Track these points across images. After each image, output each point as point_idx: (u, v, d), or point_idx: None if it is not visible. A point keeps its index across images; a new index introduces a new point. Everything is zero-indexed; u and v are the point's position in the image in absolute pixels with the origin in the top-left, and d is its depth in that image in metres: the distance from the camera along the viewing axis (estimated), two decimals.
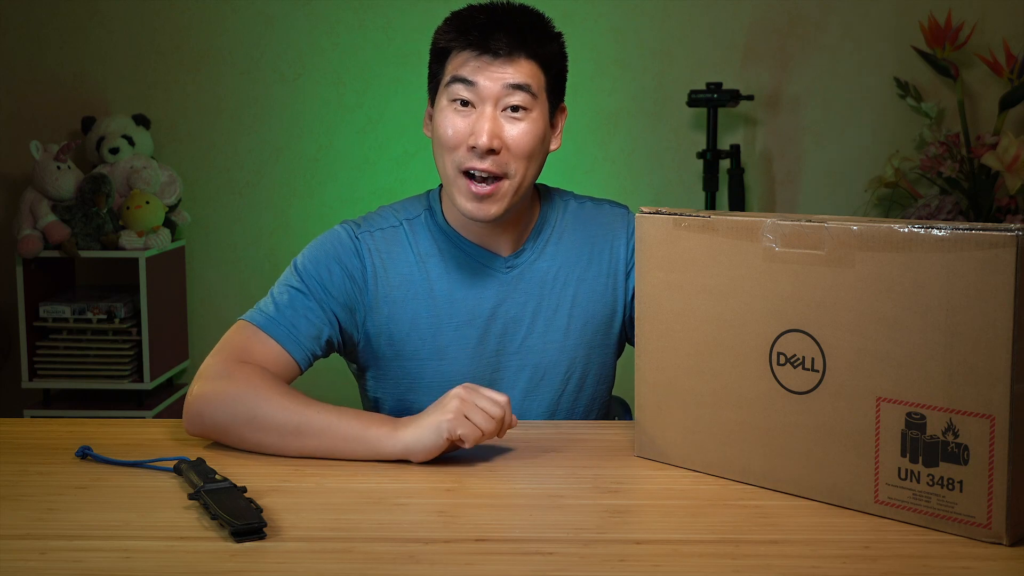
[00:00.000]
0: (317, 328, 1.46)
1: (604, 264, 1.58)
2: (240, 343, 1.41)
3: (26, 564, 1.02)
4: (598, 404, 1.62)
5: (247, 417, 1.32)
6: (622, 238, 1.59)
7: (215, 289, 3.29)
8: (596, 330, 1.57)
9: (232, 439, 1.34)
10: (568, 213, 1.60)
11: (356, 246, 1.51)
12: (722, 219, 1.21)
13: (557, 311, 1.54)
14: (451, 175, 1.46)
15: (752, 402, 1.20)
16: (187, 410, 1.36)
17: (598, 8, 3.16)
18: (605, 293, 1.58)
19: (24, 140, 3.16)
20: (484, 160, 1.42)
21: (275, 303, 1.46)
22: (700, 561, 1.02)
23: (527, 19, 1.47)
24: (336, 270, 1.49)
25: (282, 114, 3.23)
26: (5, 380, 3.26)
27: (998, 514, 1.03)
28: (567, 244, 1.57)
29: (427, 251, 1.53)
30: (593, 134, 3.19)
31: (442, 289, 1.52)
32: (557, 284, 1.55)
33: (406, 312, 1.51)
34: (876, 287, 1.09)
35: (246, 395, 1.33)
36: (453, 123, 1.44)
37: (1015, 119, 3.11)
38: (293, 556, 1.03)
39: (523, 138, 1.43)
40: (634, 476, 1.27)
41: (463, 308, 1.52)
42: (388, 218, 1.55)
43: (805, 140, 3.21)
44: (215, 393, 1.34)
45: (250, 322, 1.44)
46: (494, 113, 1.43)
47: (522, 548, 1.05)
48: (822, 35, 3.16)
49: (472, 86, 1.43)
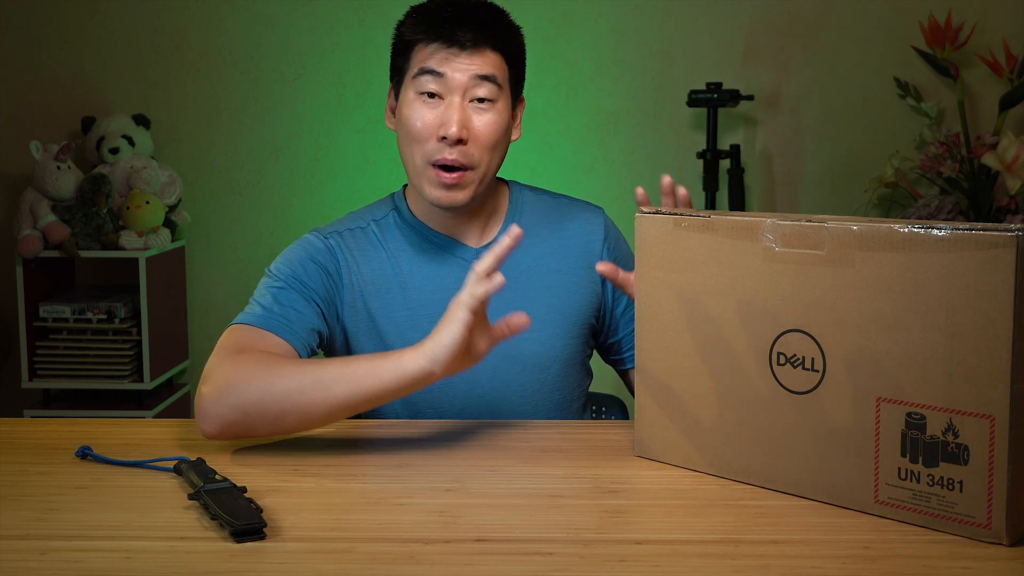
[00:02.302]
0: (307, 319, 1.47)
1: (579, 258, 1.60)
2: (237, 340, 1.40)
3: (26, 564, 1.02)
4: (576, 396, 1.62)
5: (264, 387, 1.29)
6: (599, 235, 1.62)
7: (215, 289, 3.29)
8: (575, 322, 1.58)
9: (254, 420, 1.30)
10: (541, 205, 1.63)
11: (327, 244, 1.54)
12: (722, 219, 1.21)
13: (533, 301, 1.55)
14: (419, 166, 1.49)
15: (752, 402, 1.20)
16: (203, 409, 1.31)
17: (598, 8, 3.16)
18: (581, 286, 1.59)
19: (24, 140, 3.17)
20: (453, 151, 1.45)
21: (261, 304, 1.46)
22: (700, 561, 1.02)
23: (491, 13, 1.51)
24: (311, 267, 1.51)
25: (282, 114, 3.23)
26: (5, 380, 3.26)
27: (998, 514, 1.03)
28: (541, 237, 1.59)
29: (397, 247, 1.56)
30: (593, 134, 3.19)
31: (415, 282, 1.54)
32: (532, 275, 1.57)
33: (382, 307, 1.53)
34: (876, 287, 1.09)
35: (257, 370, 1.31)
36: (421, 115, 1.47)
37: (1015, 119, 3.11)
38: (293, 556, 1.03)
39: (489, 128, 1.47)
40: (634, 476, 1.27)
41: (437, 299, 1.52)
42: (356, 220, 1.60)
43: (805, 140, 3.21)
44: (227, 382, 1.31)
45: (242, 323, 1.44)
46: (462, 103, 1.46)
47: (522, 548, 1.05)
48: (822, 35, 3.16)
49: (440, 77, 1.45)
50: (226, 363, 1.34)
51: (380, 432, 1.42)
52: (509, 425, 1.46)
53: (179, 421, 1.48)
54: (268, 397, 1.29)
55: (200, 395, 1.32)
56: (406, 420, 1.51)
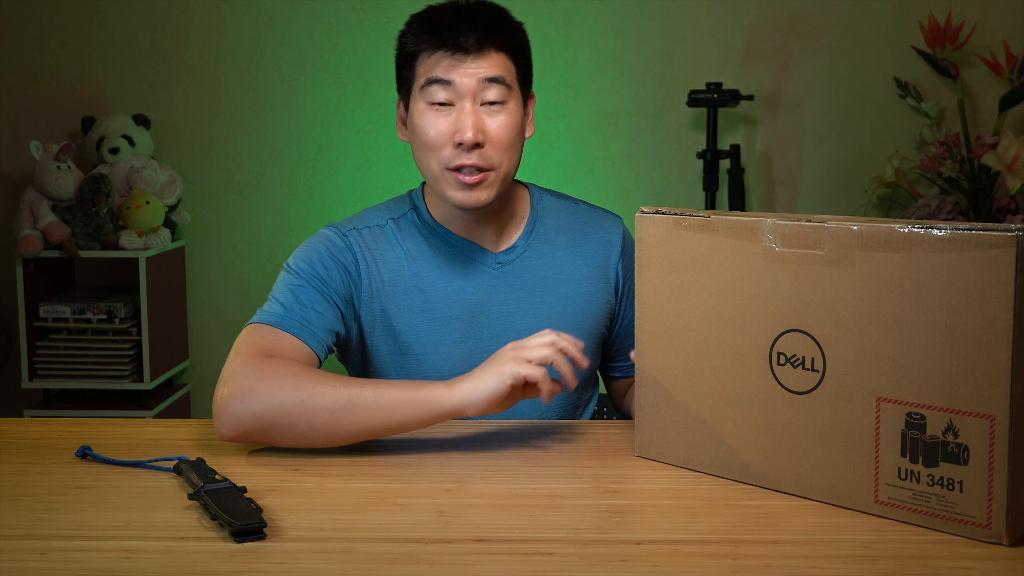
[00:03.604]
0: (326, 319, 1.46)
1: (598, 267, 1.60)
2: (257, 342, 1.38)
3: (26, 564, 1.02)
4: (583, 403, 1.62)
5: (294, 402, 1.28)
6: (616, 246, 1.62)
7: (215, 289, 3.29)
8: (589, 331, 1.58)
9: (278, 431, 1.29)
10: (562, 212, 1.62)
11: (346, 242, 1.52)
12: (722, 219, 1.21)
13: (551, 308, 1.55)
14: (437, 173, 1.47)
15: (752, 402, 1.20)
16: (223, 413, 1.29)
17: (598, 8, 3.16)
18: (597, 295, 1.59)
19: (24, 140, 3.17)
20: (471, 155, 1.44)
21: (281, 303, 1.44)
22: (700, 561, 1.02)
23: (491, 13, 1.49)
24: (331, 264, 1.50)
25: (282, 114, 3.23)
26: (5, 380, 3.26)
27: (998, 514, 1.03)
28: (561, 243, 1.59)
29: (415, 247, 1.54)
30: (593, 134, 3.19)
31: (433, 284, 1.53)
32: (550, 282, 1.56)
33: (399, 308, 1.52)
34: (876, 287, 1.09)
35: (287, 382, 1.29)
36: (435, 124, 1.45)
37: (1015, 119, 3.11)
38: (293, 556, 1.03)
39: (503, 130, 1.46)
40: (634, 476, 1.27)
41: (454, 301, 1.52)
42: (373, 217, 1.57)
43: (805, 140, 3.21)
44: (252, 388, 1.29)
45: (261, 323, 1.42)
46: (474, 108, 1.44)
47: (522, 548, 1.05)
48: (822, 35, 3.16)
49: (448, 85, 1.44)
50: (250, 367, 1.31)
51: None
52: (509, 425, 1.46)
53: (179, 421, 1.48)
54: (296, 413, 1.28)
55: (220, 396, 1.30)
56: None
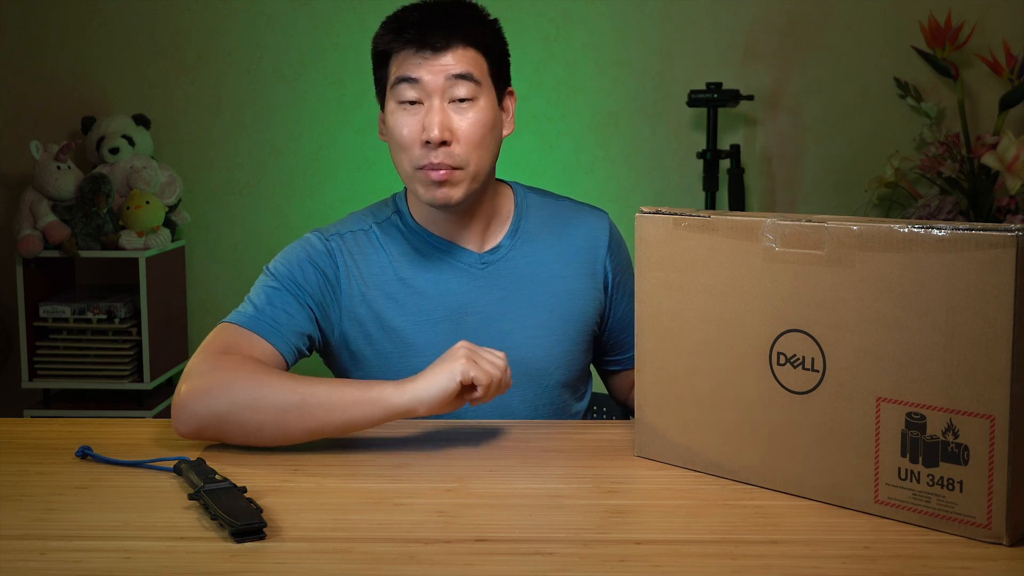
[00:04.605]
0: (298, 323, 1.47)
1: (586, 264, 1.60)
2: (223, 341, 1.41)
3: (26, 564, 1.02)
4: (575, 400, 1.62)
5: (246, 400, 1.29)
6: (603, 241, 1.61)
7: (215, 289, 3.29)
8: (578, 328, 1.58)
9: (231, 428, 1.31)
10: (546, 209, 1.62)
11: (328, 247, 1.53)
12: (722, 219, 1.21)
13: (538, 307, 1.55)
14: (409, 172, 1.48)
15: (752, 402, 1.20)
16: (179, 409, 1.32)
17: (598, 8, 3.16)
18: (585, 291, 1.59)
19: (24, 140, 3.17)
20: (438, 153, 1.44)
21: (253, 304, 1.46)
22: (700, 561, 1.02)
23: (459, 9, 1.49)
24: (309, 270, 1.51)
25: (282, 114, 3.23)
26: (5, 380, 3.26)
27: (998, 514, 1.03)
28: (547, 241, 1.59)
29: (399, 250, 1.55)
30: (593, 134, 3.19)
31: (417, 286, 1.53)
32: (537, 281, 1.56)
33: (382, 311, 1.52)
34: (876, 287, 1.09)
35: (241, 379, 1.31)
36: (406, 123, 1.46)
37: (1015, 119, 3.11)
38: (293, 556, 1.03)
39: (472, 127, 1.45)
40: (634, 476, 1.27)
41: (438, 304, 1.53)
42: (357, 222, 1.58)
43: (805, 140, 3.21)
44: (208, 385, 1.32)
45: (230, 323, 1.44)
46: (441, 105, 1.44)
47: (522, 548, 1.05)
48: (822, 35, 3.16)
49: (416, 83, 1.45)
50: (209, 364, 1.34)
51: (380, 432, 1.42)
52: (509, 425, 1.46)
53: None
54: (248, 409, 1.30)
55: (178, 393, 1.33)
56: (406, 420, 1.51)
